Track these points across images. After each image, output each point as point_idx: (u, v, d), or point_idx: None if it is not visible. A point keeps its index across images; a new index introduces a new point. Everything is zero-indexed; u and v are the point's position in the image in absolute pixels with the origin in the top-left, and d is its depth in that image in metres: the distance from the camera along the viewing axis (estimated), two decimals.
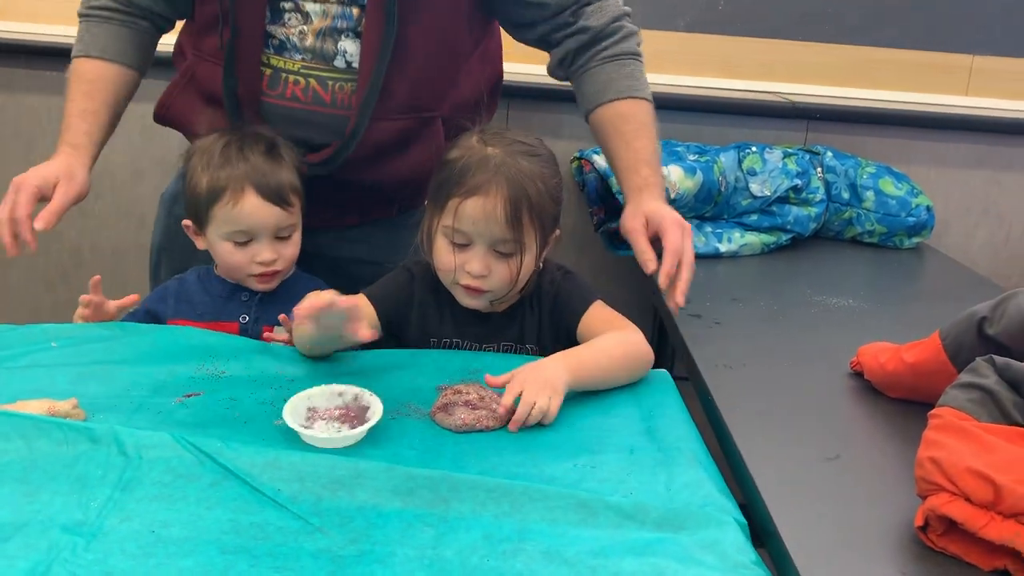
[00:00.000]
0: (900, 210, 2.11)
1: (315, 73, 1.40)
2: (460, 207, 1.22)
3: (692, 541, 0.85)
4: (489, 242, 1.23)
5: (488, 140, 1.26)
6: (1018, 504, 0.80)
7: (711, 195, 1.99)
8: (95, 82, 1.43)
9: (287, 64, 1.40)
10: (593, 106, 1.45)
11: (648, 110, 1.46)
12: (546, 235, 1.28)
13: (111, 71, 1.45)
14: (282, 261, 1.37)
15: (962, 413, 0.91)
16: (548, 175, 1.27)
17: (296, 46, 1.39)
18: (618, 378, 1.21)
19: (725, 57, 2.48)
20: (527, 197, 1.22)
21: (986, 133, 2.33)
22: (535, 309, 1.33)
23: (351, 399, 1.08)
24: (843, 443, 1.08)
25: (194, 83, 1.46)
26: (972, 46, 2.48)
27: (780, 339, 1.47)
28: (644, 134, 1.42)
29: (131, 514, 0.84)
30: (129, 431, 0.95)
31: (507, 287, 1.27)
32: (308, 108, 1.41)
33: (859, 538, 0.88)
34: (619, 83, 1.44)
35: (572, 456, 1.01)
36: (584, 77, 1.46)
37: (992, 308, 1.07)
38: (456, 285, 1.27)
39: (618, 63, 1.45)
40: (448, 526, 0.85)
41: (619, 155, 1.42)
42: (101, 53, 1.44)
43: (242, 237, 1.34)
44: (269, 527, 0.83)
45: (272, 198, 1.32)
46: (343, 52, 1.40)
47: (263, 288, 1.39)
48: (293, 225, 1.37)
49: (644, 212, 1.34)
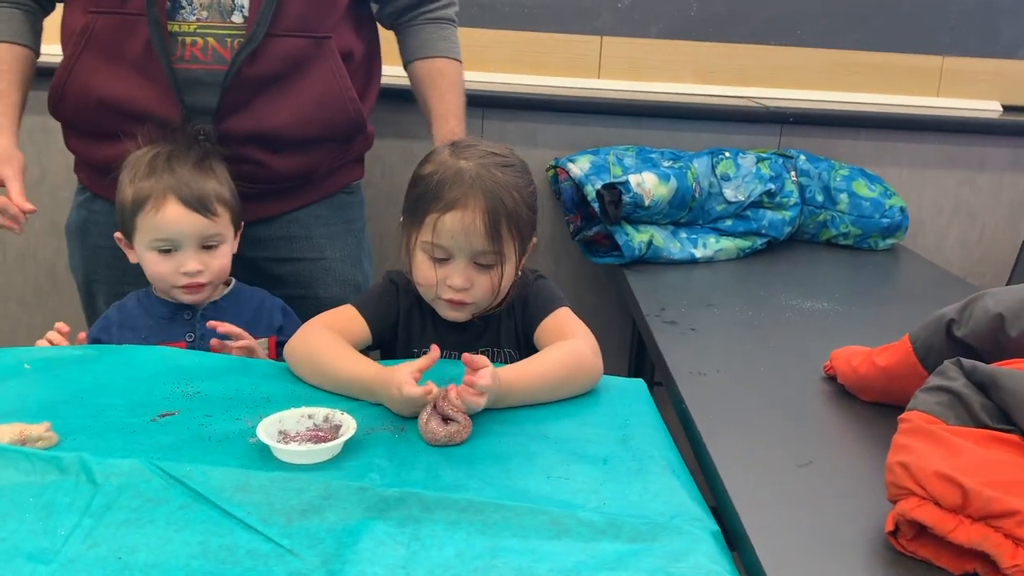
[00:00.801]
0: (874, 212, 2.13)
1: (212, 31, 1.41)
2: (439, 222, 1.22)
3: (665, 552, 0.85)
4: (469, 255, 1.24)
5: (460, 153, 1.28)
6: (986, 507, 0.81)
7: (685, 201, 2.00)
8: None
9: (181, 27, 1.41)
10: (414, 58, 1.65)
11: (459, 70, 1.66)
12: (524, 243, 1.30)
13: (12, 52, 1.47)
14: (209, 272, 1.36)
15: (931, 417, 0.92)
16: (523, 184, 1.28)
17: (192, 3, 1.39)
18: (553, 397, 1.18)
19: (698, 63, 2.50)
20: (504, 208, 1.23)
21: (958, 133, 2.35)
22: (512, 315, 1.34)
23: (321, 420, 1.07)
24: (816, 448, 1.09)
25: (93, 44, 1.43)
26: (941, 47, 2.51)
27: (755, 344, 1.48)
28: (455, 90, 1.64)
29: (98, 540, 0.83)
30: (97, 459, 0.94)
31: (489, 298, 1.28)
32: (209, 68, 1.41)
33: (830, 544, 0.89)
34: (438, 43, 1.64)
35: (545, 468, 1.01)
36: (409, 31, 1.66)
37: (959, 310, 1.08)
38: (438, 300, 1.28)
39: (438, 25, 1.65)
40: (420, 544, 0.85)
41: (433, 105, 1.63)
42: None
43: (166, 246, 1.34)
44: (239, 550, 0.83)
45: (194, 205, 1.33)
46: (240, 7, 1.41)
47: (191, 300, 1.39)
48: (219, 235, 1.37)
49: None
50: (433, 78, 1.63)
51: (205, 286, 1.38)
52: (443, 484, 0.96)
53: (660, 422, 1.15)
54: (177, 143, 1.39)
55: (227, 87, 1.42)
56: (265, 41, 1.42)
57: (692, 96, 2.44)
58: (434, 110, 1.62)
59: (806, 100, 2.47)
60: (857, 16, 2.49)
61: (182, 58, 1.41)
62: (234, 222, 1.41)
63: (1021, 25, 2.51)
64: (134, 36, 1.41)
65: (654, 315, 1.60)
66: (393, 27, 1.68)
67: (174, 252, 1.35)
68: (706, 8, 2.47)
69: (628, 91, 2.43)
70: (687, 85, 2.50)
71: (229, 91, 1.42)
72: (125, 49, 1.42)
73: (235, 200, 1.41)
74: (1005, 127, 2.38)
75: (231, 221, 1.40)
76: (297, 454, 1.00)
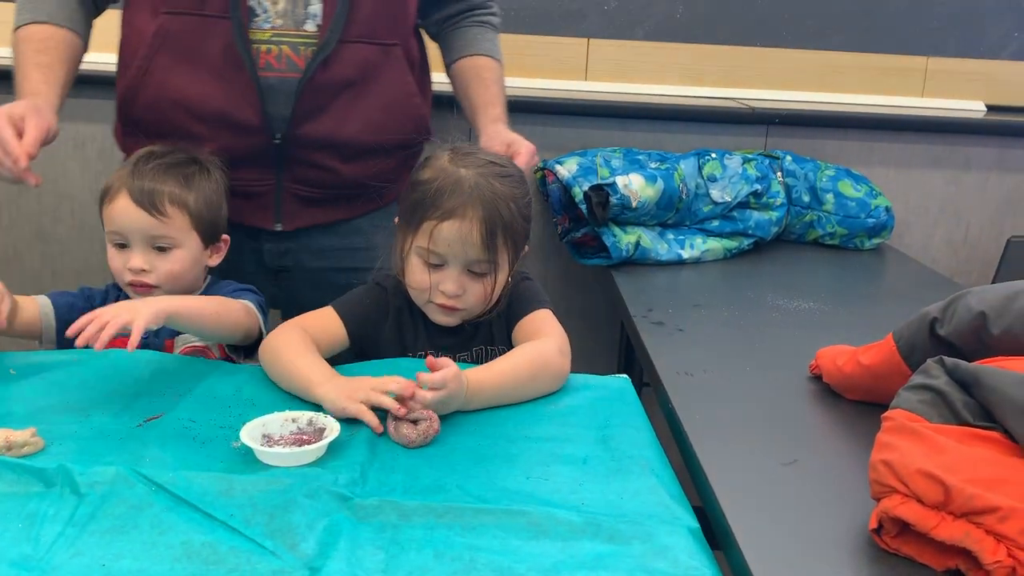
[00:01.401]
0: (860, 211, 2.14)
1: (287, 39, 1.42)
2: (436, 230, 1.23)
3: (644, 550, 0.85)
4: (464, 263, 1.25)
5: (460, 161, 1.28)
6: (967, 504, 0.81)
7: (672, 202, 2.00)
8: (46, 41, 1.43)
9: (256, 35, 1.41)
10: (457, 57, 1.66)
11: (502, 71, 1.67)
12: (518, 252, 1.31)
13: (59, 35, 1.44)
14: (156, 275, 1.34)
15: (913, 415, 0.92)
16: (519, 195, 1.29)
17: (267, 11, 1.40)
18: (518, 396, 1.19)
19: (684, 65, 2.50)
20: (501, 219, 1.24)
21: (943, 133, 2.37)
22: (501, 314, 1.35)
23: (305, 423, 1.07)
24: (801, 447, 1.09)
25: (169, 45, 1.42)
26: (926, 48, 2.52)
27: (741, 345, 1.48)
28: (497, 85, 1.64)
29: (82, 549, 0.83)
30: (81, 469, 0.94)
31: (481, 306, 1.29)
32: (284, 76, 1.42)
33: (815, 542, 0.89)
34: (482, 44, 1.66)
35: (526, 467, 1.02)
36: (454, 33, 1.67)
37: (942, 309, 1.08)
38: (430, 304, 1.28)
39: (483, 28, 1.67)
40: (399, 547, 0.85)
41: (478, 93, 1.62)
42: (48, 18, 1.44)
43: (118, 239, 1.34)
44: (221, 547, 0.83)
45: (141, 202, 1.31)
46: (313, 16, 1.42)
47: None
48: (170, 238, 1.34)
49: (505, 139, 1.50)
50: (477, 72, 1.63)
51: (153, 288, 1.34)
52: (423, 485, 0.97)
53: (643, 420, 1.16)
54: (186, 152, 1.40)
55: (300, 93, 1.42)
56: (337, 48, 1.43)
57: (679, 98, 2.45)
58: (478, 98, 1.61)
59: (792, 101, 2.48)
60: (842, 18, 2.50)
61: (257, 65, 1.42)
62: (200, 230, 1.37)
63: (1004, 26, 2.53)
64: (214, 38, 1.41)
65: (641, 316, 1.61)
66: (438, 34, 1.69)
67: (126, 248, 1.34)
68: (692, 10, 2.48)
69: (615, 93, 2.44)
70: (674, 87, 2.51)
71: (303, 98, 1.43)
72: (203, 51, 1.42)
73: (207, 210, 1.38)
74: (989, 127, 2.40)
75: (193, 228, 1.36)
76: (281, 456, 1.00)
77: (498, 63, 1.66)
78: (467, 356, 1.34)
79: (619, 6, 2.46)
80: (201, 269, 1.41)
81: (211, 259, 1.42)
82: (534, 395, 1.21)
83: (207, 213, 1.38)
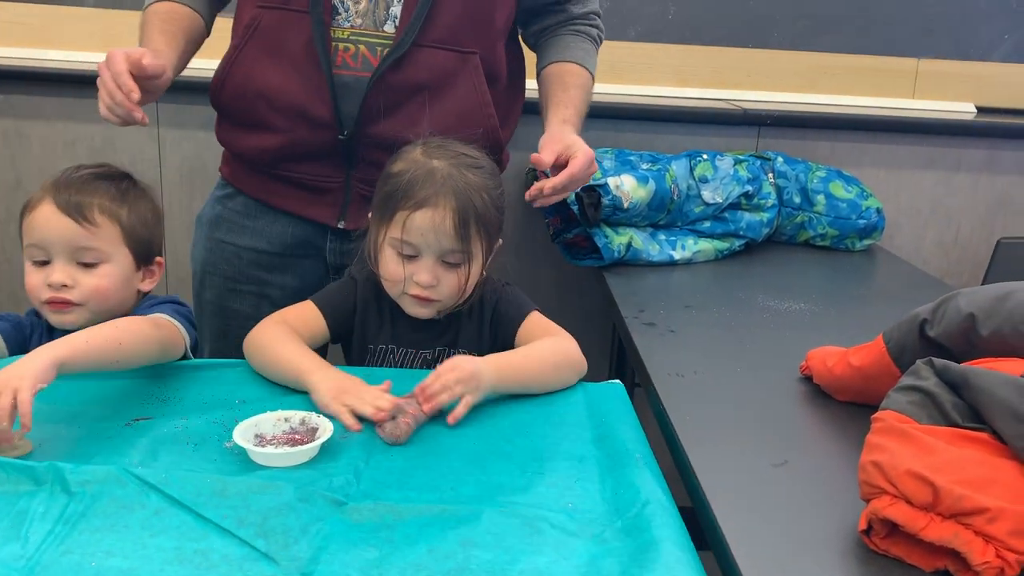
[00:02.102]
0: (851, 213, 2.14)
1: (364, 39, 1.42)
2: (409, 220, 1.24)
3: (634, 547, 0.86)
4: (438, 253, 1.26)
5: (432, 153, 1.29)
6: (956, 505, 0.81)
7: (664, 203, 2.01)
8: (171, 13, 1.48)
9: (335, 32, 1.42)
10: (548, 62, 1.62)
11: (590, 81, 1.62)
12: (491, 244, 1.32)
13: (184, 11, 1.49)
14: (80, 292, 1.23)
15: (903, 416, 0.93)
16: (492, 186, 1.31)
17: (349, 9, 1.41)
18: (547, 382, 1.23)
19: (676, 66, 2.51)
20: (474, 208, 1.25)
21: (933, 135, 2.38)
22: (473, 317, 1.35)
23: (298, 423, 1.07)
24: (791, 448, 1.10)
25: (258, 37, 1.45)
26: (917, 50, 2.53)
27: (732, 345, 1.49)
28: (580, 90, 1.58)
29: (72, 547, 0.83)
30: (72, 467, 0.93)
31: (456, 296, 1.29)
32: (358, 75, 1.42)
33: (804, 543, 0.89)
34: (576, 52, 1.61)
35: (521, 465, 1.03)
36: (550, 41, 1.64)
37: (932, 310, 1.09)
38: (404, 295, 1.28)
39: (580, 37, 1.63)
40: (392, 546, 0.85)
41: (555, 92, 1.56)
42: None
43: (38, 254, 1.24)
44: (213, 554, 0.82)
45: (67, 209, 1.22)
46: (393, 17, 1.42)
47: (56, 322, 1.25)
48: (98, 251, 1.24)
49: (566, 141, 1.42)
50: (561, 75, 1.59)
51: (74, 307, 1.24)
52: (417, 485, 0.97)
53: (635, 420, 1.17)
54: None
55: (369, 92, 1.42)
56: (412, 50, 1.42)
57: (670, 99, 2.46)
58: (553, 98, 1.56)
59: (783, 102, 2.49)
60: (834, 19, 2.51)
61: (334, 63, 1.42)
62: (132, 247, 1.28)
63: (994, 28, 2.54)
64: (297, 33, 1.42)
65: (633, 317, 1.61)
66: (536, 44, 1.67)
67: (46, 264, 1.24)
68: (684, 11, 2.48)
69: (607, 93, 2.44)
70: (665, 88, 2.52)
71: (371, 96, 1.42)
72: (287, 44, 1.43)
73: (141, 226, 1.29)
74: (980, 128, 2.41)
75: (124, 243, 1.27)
76: (274, 457, 1.00)
77: (586, 71, 1.61)
78: (429, 355, 1.35)
79: (611, 7, 2.46)
80: (131, 292, 1.31)
81: (143, 283, 1.32)
82: (557, 386, 1.24)
83: (140, 229, 1.29)
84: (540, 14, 1.64)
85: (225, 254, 1.59)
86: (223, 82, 1.49)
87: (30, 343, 1.31)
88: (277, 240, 1.56)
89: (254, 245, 1.57)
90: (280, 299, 1.56)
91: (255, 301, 1.58)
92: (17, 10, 2.39)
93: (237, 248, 1.57)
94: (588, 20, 1.65)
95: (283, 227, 1.56)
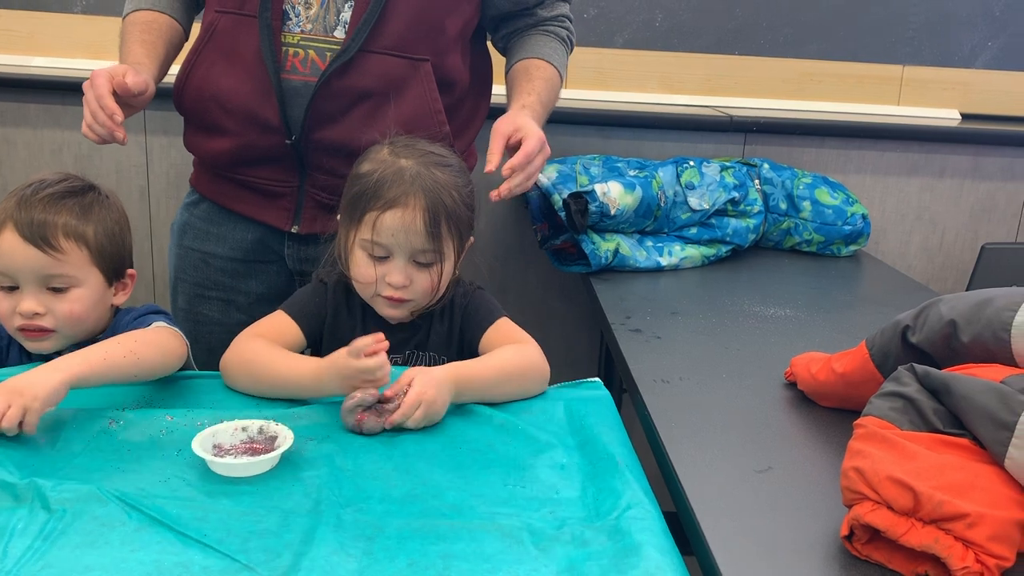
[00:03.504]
0: (836, 219, 2.15)
1: (314, 44, 1.42)
2: (378, 220, 1.24)
3: (615, 552, 0.86)
4: (409, 253, 1.26)
5: (399, 152, 1.29)
6: (936, 510, 0.82)
7: (651, 210, 2.01)
8: (150, 23, 1.50)
9: (285, 37, 1.43)
10: (516, 60, 1.63)
11: (557, 76, 1.61)
12: (463, 242, 1.31)
13: (163, 19, 1.52)
14: (52, 318, 1.21)
15: (884, 422, 0.93)
16: (461, 184, 1.30)
17: (299, 15, 1.41)
18: (507, 392, 1.22)
19: (663, 73, 2.52)
20: (444, 207, 1.25)
21: (918, 141, 2.39)
22: (444, 320, 1.35)
23: (256, 432, 1.06)
24: (775, 454, 1.10)
25: (214, 41, 1.46)
26: (902, 57, 2.55)
27: (718, 352, 1.49)
28: (544, 83, 1.58)
29: (51, 562, 0.82)
30: (52, 484, 0.93)
31: (428, 296, 1.29)
32: (306, 80, 1.43)
33: (787, 549, 0.90)
34: (543, 49, 1.62)
35: (503, 474, 1.03)
36: (518, 42, 1.65)
37: (914, 317, 1.09)
38: (377, 297, 1.28)
39: (548, 37, 1.64)
40: (372, 558, 0.85)
41: (519, 82, 1.58)
42: (152, 5, 1.52)
43: (5, 281, 1.20)
44: (194, 566, 0.82)
45: (31, 238, 1.18)
46: (343, 23, 1.42)
47: (32, 348, 1.23)
48: (67, 276, 1.22)
49: (519, 123, 1.44)
50: (527, 68, 1.59)
51: (49, 333, 1.22)
52: (398, 495, 0.97)
53: (616, 420, 1.17)
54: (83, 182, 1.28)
55: (314, 97, 1.42)
56: (360, 56, 1.42)
57: (657, 105, 2.47)
58: (520, 85, 1.57)
59: (770, 109, 2.50)
60: (819, 27, 2.52)
61: (283, 68, 1.44)
62: (102, 266, 1.25)
63: (978, 35, 2.56)
64: (248, 37, 1.44)
65: (619, 323, 1.61)
66: (506, 48, 1.68)
67: (15, 291, 1.21)
68: (671, 19, 2.49)
69: (594, 101, 2.46)
70: (653, 95, 2.53)
71: (316, 101, 1.43)
72: (239, 48, 1.45)
73: (108, 243, 1.26)
74: (964, 135, 2.42)
75: (93, 264, 1.24)
76: (232, 467, 0.99)
77: (552, 66, 1.60)
78: (399, 359, 1.34)
79: (599, 14, 2.47)
80: (105, 309, 1.29)
81: (116, 297, 1.30)
82: (521, 395, 1.22)
83: (109, 246, 1.26)
84: (508, 19, 1.65)
85: (193, 260, 1.60)
86: (183, 86, 1.50)
87: (7, 356, 1.31)
88: (239, 246, 1.58)
89: (218, 251, 1.58)
90: (247, 305, 1.58)
91: (222, 307, 1.59)
92: (3, 17, 2.39)
93: (203, 254, 1.59)
94: (558, 22, 1.66)
95: (242, 232, 1.57)
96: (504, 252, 2.34)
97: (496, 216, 2.30)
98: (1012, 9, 2.53)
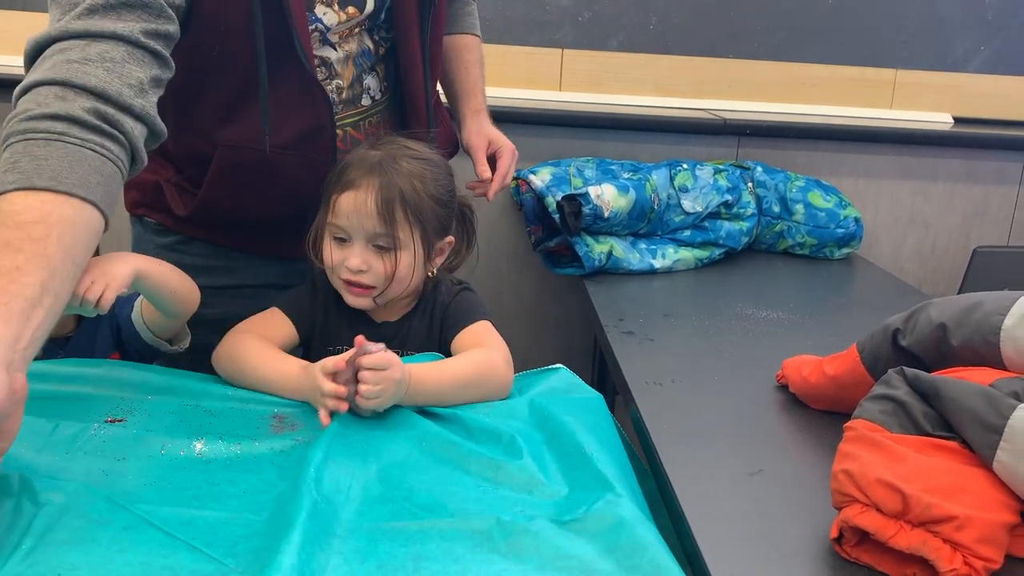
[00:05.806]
0: (829, 222, 2.16)
1: (348, 121, 1.39)
2: (337, 202, 1.25)
3: (591, 548, 0.86)
4: (365, 236, 1.25)
5: (376, 146, 1.30)
6: (925, 513, 0.82)
7: (644, 212, 2.02)
8: (36, 225, 0.88)
9: None
10: None
11: (480, 47, 1.68)
12: (428, 235, 1.29)
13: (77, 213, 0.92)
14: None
15: (874, 425, 0.94)
16: (430, 177, 1.29)
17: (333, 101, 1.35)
18: (460, 398, 1.18)
19: (657, 76, 2.53)
20: (400, 191, 1.25)
21: (911, 145, 2.40)
22: (425, 318, 1.34)
23: None
24: (766, 457, 1.10)
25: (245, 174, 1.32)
26: (895, 61, 2.56)
27: (710, 354, 1.49)
28: (478, 66, 1.66)
29: (38, 559, 0.81)
30: (42, 480, 0.92)
31: (386, 283, 1.27)
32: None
33: (777, 551, 0.90)
34: (463, 19, 1.66)
35: (477, 472, 1.02)
36: None
37: (904, 320, 1.10)
38: (340, 283, 1.29)
39: (463, 1, 1.67)
40: (342, 558, 0.84)
41: (459, 79, 1.64)
42: (49, 183, 0.91)
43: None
44: (182, 570, 0.81)
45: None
46: (367, 90, 1.41)
47: None
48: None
49: (487, 135, 1.57)
50: (459, 53, 1.63)
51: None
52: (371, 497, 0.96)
53: (581, 407, 1.16)
54: None
55: None
56: None
57: (651, 108, 2.47)
58: (460, 83, 1.63)
59: (763, 112, 2.51)
60: (813, 30, 2.53)
61: None
62: None
63: (971, 40, 2.57)
64: None
65: (612, 326, 1.62)
66: None
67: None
68: (665, 22, 2.50)
69: (588, 103, 2.46)
70: (646, 98, 2.53)
71: None
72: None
73: None
74: (956, 139, 2.43)
75: None
76: None
77: (477, 39, 1.67)
78: None
79: (593, 17, 2.48)
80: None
81: None
82: (478, 400, 1.19)
83: None
84: None
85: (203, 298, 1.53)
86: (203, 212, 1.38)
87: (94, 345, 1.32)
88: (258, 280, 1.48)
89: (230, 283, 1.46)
90: None
91: None
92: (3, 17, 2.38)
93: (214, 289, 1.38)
94: None
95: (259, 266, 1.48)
96: (498, 254, 2.34)
97: (491, 220, 2.31)
98: (1004, 13, 2.54)
